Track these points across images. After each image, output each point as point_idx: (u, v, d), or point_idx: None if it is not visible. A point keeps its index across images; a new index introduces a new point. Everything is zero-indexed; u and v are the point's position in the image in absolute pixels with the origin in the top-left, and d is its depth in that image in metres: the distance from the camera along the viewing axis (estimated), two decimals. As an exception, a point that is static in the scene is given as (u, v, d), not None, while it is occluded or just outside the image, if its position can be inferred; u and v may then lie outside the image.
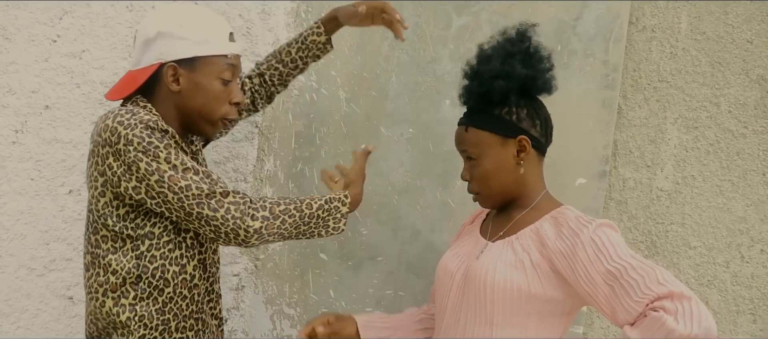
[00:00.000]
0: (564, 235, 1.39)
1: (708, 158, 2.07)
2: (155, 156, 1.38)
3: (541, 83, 1.50)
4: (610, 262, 1.31)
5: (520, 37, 1.51)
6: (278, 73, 1.85)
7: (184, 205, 1.40)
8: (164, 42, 1.46)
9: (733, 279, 2.08)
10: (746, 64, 2.05)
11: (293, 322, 2.10)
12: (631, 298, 1.27)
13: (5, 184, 2.00)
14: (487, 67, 1.49)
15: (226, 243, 1.44)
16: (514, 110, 1.48)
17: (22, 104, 1.99)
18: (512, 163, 1.49)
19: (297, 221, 1.49)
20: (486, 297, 1.43)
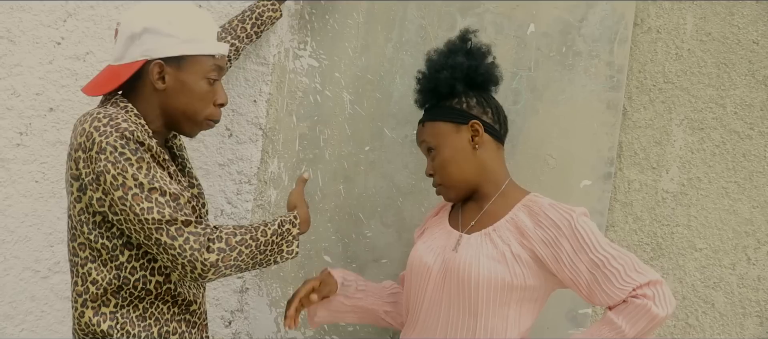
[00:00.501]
0: (543, 225, 1.49)
1: (714, 160, 2.07)
2: (123, 170, 1.33)
3: (485, 72, 1.63)
4: (594, 253, 1.45)
5: (462, 38, 1.66)
6: (234, 48, 1.89)
7: (144, 227, 1.34)
8: (151, 38, 1.42)
9: (739, 281, 2.07)
10: (752, 65, 2.04)
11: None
12: (613, 286, 1.43)
13: (10, 187, 2.00)
14: (431, 63, 1.65)
15: (182, 275, 1.39)
16: (464, 100, 1.60)
17: (26, 106, 1.99)
18: (468, 148, 1.58)
19: (253, 251, 1.45)
20: (470, 290, 1.49)
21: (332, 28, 2.07)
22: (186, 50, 1.44)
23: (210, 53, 1.47)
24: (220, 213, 2.07)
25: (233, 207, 2.07)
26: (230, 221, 2.07)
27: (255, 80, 2.06)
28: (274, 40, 2.06)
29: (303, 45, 2.07)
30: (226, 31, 1.88)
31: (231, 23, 1.89)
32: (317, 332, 2.09)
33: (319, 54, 2.07)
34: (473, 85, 1.63)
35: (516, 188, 1.62)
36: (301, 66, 2.07)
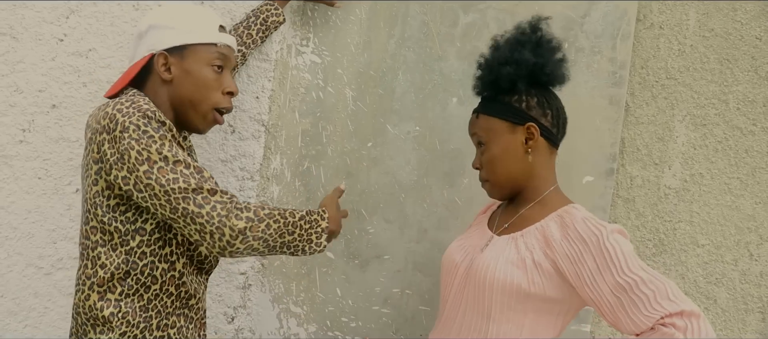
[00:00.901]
0: (571, 238, 1.39)
1: (716, 156, 2.06)
2: (147, 146, 1.37)
3: (550, 71, 1.50)
4: (621, 275, 1.30)
5: (532, 28, 1.53)
6: (241, 55, 1.94)
7: (170, 198, 1.38)
8: (154, 33, 1.51)
9: (741, 277, 2.07)
10: (755, 61, 2.04)
11: (300, 321, 2.10)
12: (640, 312, 1.28)
13: (13, 183, 2.00)
14: (496, 54, 1.52)
15: (210, 246, 1.40)
16: (524, 98, 1.49)
17: (29, 103, 1.99)
18: (520, 150, 1.50)
19: (281, 228, 1.47)
20: (485, 291, 1.44)
21: (334, 25, 2.06)
22: (187, 39, 1.50)
23: (210, 42, 1.52)
24: (223, 209, 2.07)
25: (236, 203, 2.07)
26: (233, 218, 2.07)
27: (257, 76, 2.06)
28: (277, 36, 2.06)
29: (305, 41, 2.07)
30: None
31: (237, 30, 1.94)
32: (320, 328, 2.09)
33: (322, 50, 2.07)
34: (536, 84, 1.52)
35: (558, 197, 1.52)
36: (303, 62, 2.07)
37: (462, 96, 2.07)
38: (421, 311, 2.10)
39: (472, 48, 2.06)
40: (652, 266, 2.09)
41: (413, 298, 2.10)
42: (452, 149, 2.07)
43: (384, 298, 2.10)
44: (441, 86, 2.07)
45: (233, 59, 1.58)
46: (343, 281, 2.09)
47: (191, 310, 1.58)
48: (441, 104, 2.07)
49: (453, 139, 2.07)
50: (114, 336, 1.44)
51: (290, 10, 2.06)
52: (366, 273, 2.09)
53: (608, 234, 1.34)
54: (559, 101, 1.54)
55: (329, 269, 2.09)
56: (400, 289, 2.10)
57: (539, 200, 1.51)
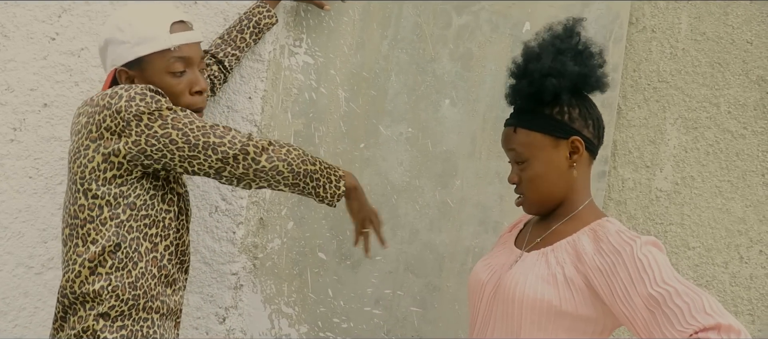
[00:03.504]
0: (603, 251, 1.32)
1: (707, 159, 2.08)
2: (157, 107, 1.43)
3: (594, 81, 1.43)
4: (654, 286, 1.22)
5: (569, 33, 1.44)
6: (235, 58, 1.94)
7: (189, 138, 1.44)
8: (111, 49, 1.52)
9: (731, 280, 2.09)
10: (746, 64, 2.05)
11: (291, 321, 2.10)
12: (673, 327, 1.18)
13: (3, 182, 2.00)
14: (537, 65, 1.41)
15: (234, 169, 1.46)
16: (566, 110, 1.41)
17: (20, 102, 1.98)
18: (565, 165, 1.41)
19: (301, 156, 1.52)
20: (514, 309, 1.36)
21: (328, 26, 2.07)
22: (139, 52, 1.50)
23: (162, 48, 1.50)
24: (215, 209, 2.07)
25: (228, 203, 2.07)
26: (225, 218, 2.07)
27: (250, 77, 2.06)
28: (270, 37, 2.06)
29: (298, 42, 2.07)
30: (225, 42, 1.93)
31: (230, 34, 1.94)
32: (311, 329, 2.09)
33: (315, 51, 2.07)
34: (579, 94, 1.43)
35: (592, 211, 1.44)
36: (296, 63, 2.07)
37: (455, 97, 2.07)
38: (412, 312, 2.10)
39: (465, 50, 2.07)
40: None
41: (405, 299, 2.10)
42: (444, 151, 2.07)
43: (375, 299, 2.10)
44: (434, 88, 2.07)
45: (196, 54, 1.55)
46: (335, 282, 2.09)
47: (170, 300, 1.58)
48: (434, 106, 2.07)
49: (445, 141, 2.07)
50: (102, 309, 1.46)
51: (283, 10, 2.06)
52: (358, 274, 2.09)
53: (641, 244, 1.28)
54: (597, 109, 1.47)
55: (321, 270, 2.09)
56: (392, 290, 2.10)
57: (573, 215, 1.43)
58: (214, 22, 2.02)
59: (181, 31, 1.53)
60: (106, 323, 1.46)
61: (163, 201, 1.54)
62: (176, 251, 1.60)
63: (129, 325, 1.48)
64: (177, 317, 1.65)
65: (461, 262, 2.10)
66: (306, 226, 2.08)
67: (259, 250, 2.09)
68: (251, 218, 2.07)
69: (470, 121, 2.08)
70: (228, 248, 2.08)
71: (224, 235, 2.07)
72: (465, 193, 2.08)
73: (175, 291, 1.61)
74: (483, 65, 2.07)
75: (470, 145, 2.08)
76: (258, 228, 2.08)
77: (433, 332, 2.10)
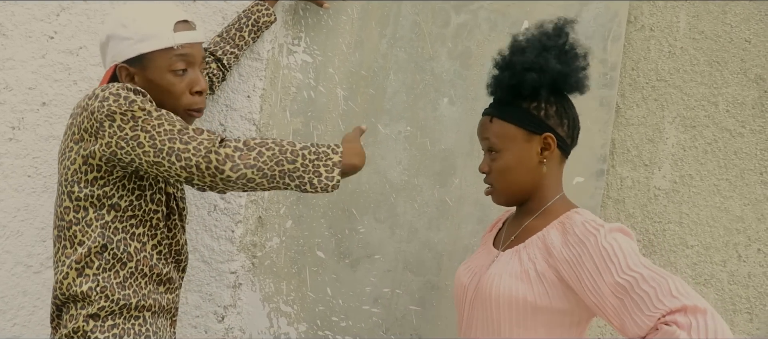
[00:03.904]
0: (570, 243, 1.33)
1: (706, 157, 2.08)
2: (130, 107, 1.40)
3: (574, 81, 1.45)
4: (620, 274, 1.23)
5: (557, 32, 1.47)
6: (234, 56, 1.94)
7: (155, 142, 1.39)
8: (113, 45, 1.50)
9: (730, 278, 2.09)
10: (744, 63, 2.05)
11: (290, 320, 2.10)
12: (642, 312, 1.18)
13: (2, 181, 1.99)
14: (520, 58, 1.44)
15: (200, 179, 1.39)
16: (544, 106, 1.44)
17: (18, 101, 1.98)
18: (535, 160, 1.44)
19: (276, 155, 1.42)
20: (492, 309, 1.39)
21: (326, 24, 2.06)
22: (142, 49, 1.49)
23: (166, 46, 1.49)
24: (214, 208, 2.07)
25: (226, 202, 2.07)
26: (224, 216, 2.07)
27: (249, 75, 2.06)
28: (268, 35, 2.06)
29: (297, 41, 2.07)
30: (224, 41, 1.93)
31: (228, 32, 1.94)
32: (310, 328, 2.09)
33: (313, 50, 2.07)
34: (557, 92, 1.45)
35: (563, 204, 1.46)
36: (294, 61, 2.07)
37: (453, 96, 2.08)
38: (411, 311, 2.11)
39: (464, 48, 2.07)
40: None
41: (403, 298, 2.10)
42: (443, 149, 2.07)
43: (374, 298, 2.10)
44: (432, 86, 2.07)
45: (198, 54, 1.54)
46: (334, 281, 2.09)
47: (162, 298, 1.58)
48: (432, 104, 2.07)
49: (444, 139, 2.07)
50: (93, 310, 1.45)
51: (282, 9, 2.06)
52: (356, 272, 2.10)
53: (606, 233, 1.29)
54: (575, 110, 1.49)
55: (319, 268, 2.10)
56: (391, 289, 2.10)
57: (544, 210, 1.45)
58: (213, 21, 2.02)
59: (184, 30, 1.52)
60: (97, 323, 1.46)
61: (151, 201, 1.52)
62: (170, 251, 1.59)
63: (120, 324, 1.48)
64: (172, 315, 1.65)
65: (460, 261, 2.10)
66: (305, 224, 2.08)
67: (258, 248, 2.09)
68: (250, 217, 2.07)
69: (469, 119, 2.08)
70: (227, 247, 2.08)
71: (223, 233, 2.07)
72: (463, 192, 2.09)
73: (170, 290, 1.61)
74: (481, 64, 2.07)
75: (469, 143, 2.08)
76: (257, 227, 2.08)
77: (432, 331, 2.11)
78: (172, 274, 1.60)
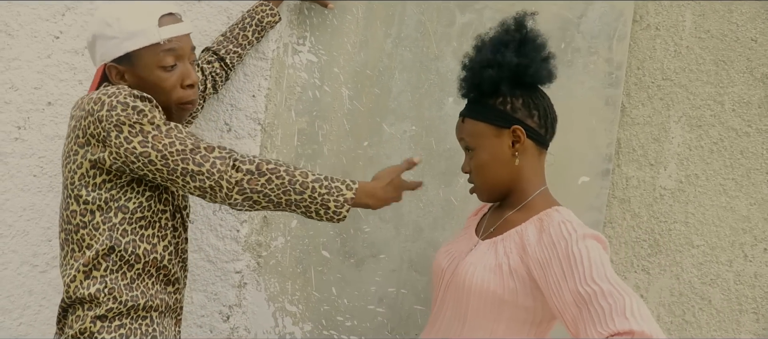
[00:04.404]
0: (544, 243, 1.33)
1: (711, 157, 2.07)
2: (139, 119, 1.40)
3: (534, 72, 1.44)
4: (583, 284, 1.21)
5: (517, 25, 1.47)
6: (238, 55, 1.93)
7: (168, 162, 1.41)
8: (100, 45, 1.49)
9: (736, 278, 2.08)
10: (751, 62, 2.05)
11: (295, 320, 2.10)
12: (594, 327, 1.16)
13: (8, 181, 2.00)
14: (478, 56, 1.48)
15: (212, 199, 1.44)
16: (509, 100, 1.45)
17: (24, 101, 1.99)
18: (507, 154, 1.45)
19: (285, 185, 1.45)
20: (463, 296, 1.42)
21: (331, 24, 2.06)
22: (128, 47, 1.47)
23: (152, 43, 1.47)
24: (219, 208, 2.07)
25: (232, 202, 2.07)
26: (229, 216, 2.07)
27: (254, 75, 2.06)
28: (273, 35, 2.06)
29: (302, 40, 2.07)
30: (228, 40, 1.92)
31: (232, 31, 1.93)
32: (315, 327, 2.09)
33: (318, 49, 2.07)
34: (521, 85, 1.45)
35: (545, 199, 1.46)
36: (299, 61, 2.07)
37: (458, 96, 2.07)
38: (416, 310, 2.10)
39: (469, 48, 2.06)
40: (646, 267, 2.09)
41: (409, 298, 2.10)
42: (448, 149, 2.07)
43: (379, 298, 2.10)
44: (437, 86, 2.07)
45: (187, 46, 1.53)
46: (339, 280, 2.10)
47: (170, 298, 1.58)
48: (437, 104, 2.07)
49: (449, 139, 2.07)
50: (100, 311, 1.45)
51: (287, 9, 2.06)
52: (361, 272, 2.10)
53: (578, 238, 1.27)
54: (547, 100, 1.49)
55: (325, 268, 2.10)
56: (396, 289, 2.10)
57: (525, 204, 1.46)
58: (218, 20, 2.02)
59: (170, 24, 1.49)
60: (104, 324, 1.46)
61: (160, 201, 1.52)
62: (176, 250, 1.59)
63: (127, 324, 1.48)
64: (177, 314, 1.65)
65: (465, 261, 2.10)
66: (310, 224, 2.08)
67: (263, 248, 2.09)
68: (255, 216, 2.07)
69: (474, 119, 2.07)
70: (232, 246, 2.08)
71: (228, 233, 2.07)
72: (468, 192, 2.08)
73: (178, 290, 1.61)
74: (487, 63, 2.06)
75: (474, 143, 2.08)
76: (262, 226, 2.08)
77: (437, 330, 2.11)
78: (179, 274, 1.60)
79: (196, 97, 1.56)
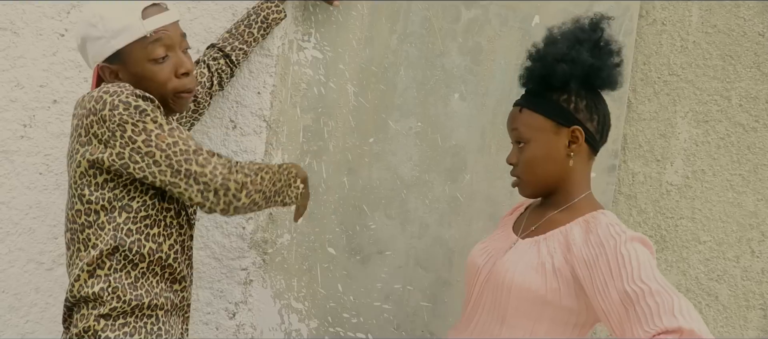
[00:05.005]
0: (591, 243, 1.32)
1: (718, 152, 2.06)
2: (142, 118, 1.39)
3: (606, 76, 1.44)
4: (630, 283, 1.22)
5: (593, 26, 1.46)
6: (243, 52, 1.93)
7: (172, 162, 1.40)
8: (89, 46, 1.48)
9: (743, 274, 2.08)
10: (758, 57, 2.04)
11: (301, 317, 2.10)
12: (641, 327, 1.17)
13: (14, 179, 2.00)
14: (553, 49, 1.44)
15: (214, 204, 1.43)
16: (574, 99, 1.43)
17: (30, 98, 1.99)
18: (562, 153, 1.43)
19: (272, 177, 1.53)
20: (502, 294, 1.40)
21: (336, 20, 2.06)
22: (116, 45, 1.46)
23: (138, 37, 1.46)
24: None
25: (237, 199, 2.07)
26: (234, 213, 2.07)
27: (259, 72, 2.06)
28: (278, 31, 2.06)
29: (307, 37, 2.07)
30: (233, 36, 1.92)
31: (238, 28, 1.92)
32: (321, 324, 2.09)
33: (324, 46, 2.07)
34: (589, 86, 1.44)
35: (590, 203, 1.45)
36: (305, 58, 2.07)
37: (464, 91, 2.07)
38: (422, 307, 2.10)
39: (474, 44, 2.06)
40: (653, 263, 2.09)
41: (415, 294, 2.10)
42: (454, 145, 2.07)
43: (385, 294, 2.10)
44: (443, 82, 2.06)
45: (176, 34, 1.50)
46: (345, 277, 2.09)
47: (176, 296, 1.57)
48: (443, 100, 2.07)
49: (455, 135, 2.07)
50: (104, 310, 1.45)
51: (292, 5, 2.06)
52: (367, 269, 2.09)
53: (627, 240, 1.28)
54: (607, 107, 1.48)
55: (331, 265, 2.09)
56: (402, 285, 2.10)
57: (569, 205, 1.45)
58: (223, 17, 2.02)
59: (154, 15, 1.47)
60: (107, 323, 1.46)
61: (164, 199, 1.51)
62: (182, 248, 1.58)
63: (131, 322, 1.48)
64: (185, 312, 1.64)
65: (471, 257, 2.10)
66: (315, 221, 2.08)
67: (269, 245, 2.09)
68: (260, 214, 2.07)
69: (480, 115, 2.07)
70: (237, 244, 2.08)
71: (234, 230, 2.07)
72: (475, 188, 2.08)
73: (185, 288, 1.61)
74: (492, 59, 2.06)
75: (480, 139, 2.08)
76: (267, 223, 2.08)
77: (443, 327, 2.10)
78: (185, 272, 1.60)
79: (194, 85, 1.55)
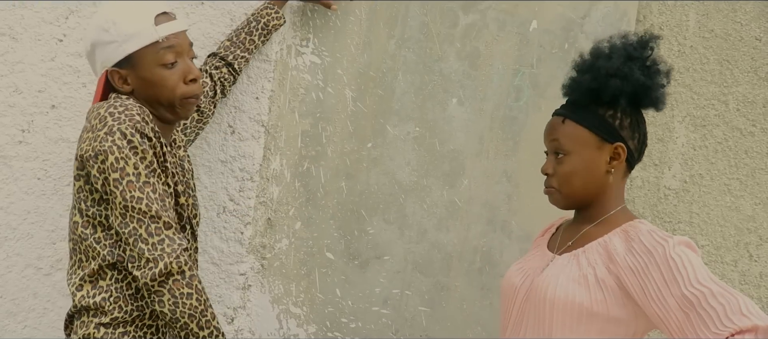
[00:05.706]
0: (635, 251, 1.32)
1: (716, 157, 2.07)
2: (126, 156, 1.39)
3: (654, 96, 1.44)
4: (688, 287, 1.22)
5: (643, 44, 1.45)
6: (245, 60, 1.94)
7: (127, 214, 1.39)
8: (99, 51, 1.50)
9: (741, 278, 2.08)
10: (755, 61, 2.04)
11: (300, 322, 2.10)
12: (708, 329, 1.18)
13: (12, 184, 2.00)
14: (606, 63, 1.42)
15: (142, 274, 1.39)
16: (619, 115, 1.43)
17: (28, 104, 1.99)
18: (603, 168, 1.43)
19: (196, 314, 1.42)
20: (545, 311, 1.37)
21: (334, 25, 2.06)
22: (127, 49, 1.48)
23: (150, 42, 1.48)
24: (223, 210, 2.07)
25: (235, 204, 2.07)
26: (233, 218, 2.07)
27: (257, 77, 2.06)
28: (277, 37, 2.06)
29: (305, 42, 2.07)
30: (234, 45, 1.92)
31: (238, 36, 1.93)
32: (319, 329, 2.09)
33: (322, 51, 2.07)
34: (636, 104, 1.45)
35: (625, 214, 1.45)
36: (303, 63, 2.07)
37: (462, 96, 2.07)
38: (420, 312, 2.10)
39: (472, 49, 2.06)
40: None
41: (413, 299, 2.10)
42: (452, 150, 2.07)
43: (384, 299, 2.10)
44: (441, 87, 2.07)
45: (185, 43, 1.54)
46: (343, 282, 2.09)
47: None
48: (441, 105, 2.07)
49: (453, 140, 2.07)
50: (105, 319, 1.45)
51: (290, 10, 2.06)
52: (366, 274, 2.09)
53: (675, 244, 1.28)
54: (646, 126, 1.49)
55: (329, 270, 2.09)
56: (400, 290, 2.10)
57: (605, 218, 1.44)
58: (221, 23, 2.02)
59: (166, 22, 1.51)
60: (107, 331, 1.46)
61: None
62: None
63: (131, 332, 1.48)
64: None
65: (469, 262, 2.10)
66: (314, 226, 2.08)
67: (267, 250, 2.09)
68: (259, 218, 2.07)
69: (478, 120, 2.07)
70: (236, 249, 2.08)
71: (232, 235, 2.07)
72: (473, 193, 2.08)
73: None
74: (490, 64, 2.06)
75: (478, 144, 2.08)
76: (266, 228, 2.08)
77: (442, 332, 2.10)
78: None
79: (201, 91, 1.57)
